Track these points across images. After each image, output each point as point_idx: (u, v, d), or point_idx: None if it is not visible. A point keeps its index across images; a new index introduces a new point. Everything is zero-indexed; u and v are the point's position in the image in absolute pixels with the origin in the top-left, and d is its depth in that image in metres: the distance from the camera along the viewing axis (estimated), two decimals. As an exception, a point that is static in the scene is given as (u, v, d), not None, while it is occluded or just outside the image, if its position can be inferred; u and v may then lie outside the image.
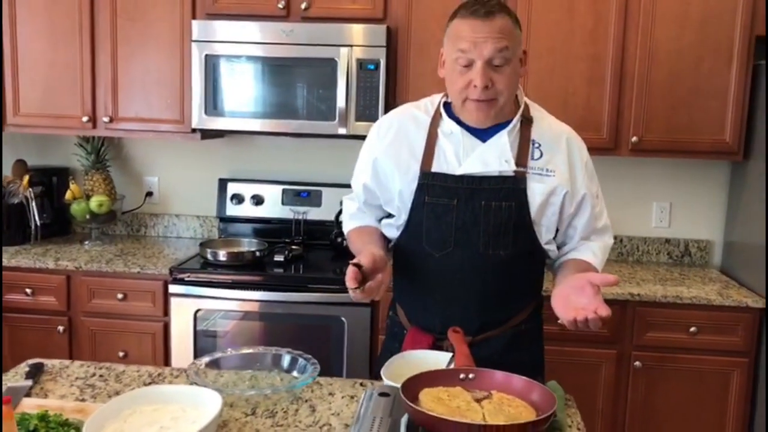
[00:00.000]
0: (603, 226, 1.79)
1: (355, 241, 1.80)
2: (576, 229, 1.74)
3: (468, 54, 1.56)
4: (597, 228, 1.77)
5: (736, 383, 2.69)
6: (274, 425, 1.45)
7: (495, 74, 1.57)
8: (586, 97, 2.85)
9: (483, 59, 1.55)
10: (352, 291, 1.51)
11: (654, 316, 2.69)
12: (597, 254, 1.75)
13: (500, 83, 1.58)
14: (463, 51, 1.56)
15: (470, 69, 1.57)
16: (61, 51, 3.03)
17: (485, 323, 1.69)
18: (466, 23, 1.57)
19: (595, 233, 1.77)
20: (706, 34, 2.79)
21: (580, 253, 1.76)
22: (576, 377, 2.54)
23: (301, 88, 2.90)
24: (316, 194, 3.25)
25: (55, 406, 1.43)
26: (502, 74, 1.57)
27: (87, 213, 3.13)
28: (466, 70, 1.58)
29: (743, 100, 2.81)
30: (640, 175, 3.22)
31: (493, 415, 1.25)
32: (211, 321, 2.81)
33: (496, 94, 1.59)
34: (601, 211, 1.78)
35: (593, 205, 1.73)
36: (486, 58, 1.55)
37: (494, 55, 1.55)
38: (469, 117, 1.64)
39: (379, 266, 1.55)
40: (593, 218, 1.74)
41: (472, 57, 1.56)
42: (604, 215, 1.79)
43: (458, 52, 1.57)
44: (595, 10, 2.80)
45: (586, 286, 1.45)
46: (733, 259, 3.08)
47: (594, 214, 1.74)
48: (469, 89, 1.58)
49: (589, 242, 1.77)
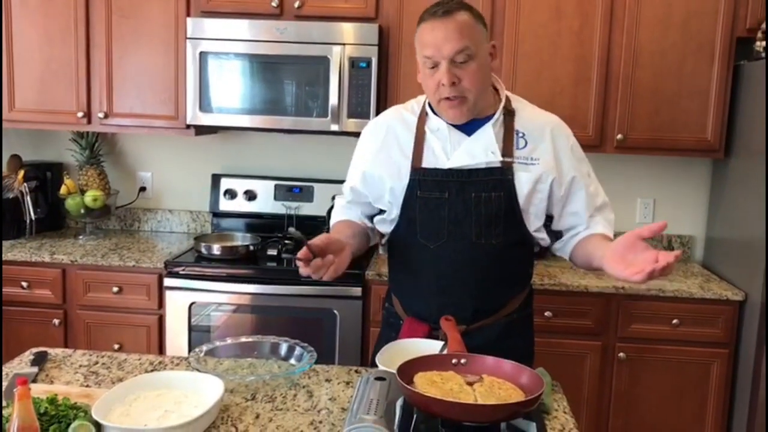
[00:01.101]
0: (602, 203, 1.82)
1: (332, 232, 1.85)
2: (579, 211, 1.78)
3: (433, 57, 1.65)
4: (598, 204, 1.80)
5: (717, 373, 2.78)
6: (273, 409, 1.51)
7: (460, 71, 1.64)
8: (573, 97, 2.92)
9: (446, 59, 1.63)
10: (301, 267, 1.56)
11: (638, 309, 2.77)
12: (608, 228, 1.78)
13: (466, 80, 1.65)
14: (428, 56, 1.66)
15: (437, 70, 1.65)
16: (57, 48, 3.07)
17: (479, 311, 1.75)
18: (427, 26, 1.66)
19: (597, 211, 1.80)
20: (688, 35, 2.87)
21: (595, 228, 1.78)
22: (562, 368, 2.58)
23: (294, 86, 2.96)
24: (308, 190, 3.31)
25: (62, 391, 1.47)
26: (466, 70, 1.64)
27: (82, 207, 3.17)
28: (434, 71, 1.66)
29: (724, 100, 2.90)
30: (625, 172, 3.30)
31: (485, 397, 1.31)
32: (206, 314, 2.86)
33: (463, 91, 1.66)
34: (596, 189, 1.82)
35: (587, 184, 1.78)
36: (448, 57, 1.63)
37: (455, 54, 1.63)
38: (446, 116, 1.72)
39: (333, 249, 1.60)
40: (590, 197, 1.78)
41: (437, 59, 1.64)
42: (601, 193, 1.83)
43: (424, 57, 1.67)
44: (581, 13, 2.88)
45: (636, 242, 1.48)
46: (715, 253, 3.17)
47: (589, 192, 1.78)
48: (440, 89, 1.66)
49: (597, 217, 1.79)
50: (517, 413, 1.29)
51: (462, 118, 1.70)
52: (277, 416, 1.48)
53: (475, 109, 1.71)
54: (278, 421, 1.46)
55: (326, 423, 1.46)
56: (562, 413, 1.54)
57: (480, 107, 1.72)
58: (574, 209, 1.78)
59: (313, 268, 1.56)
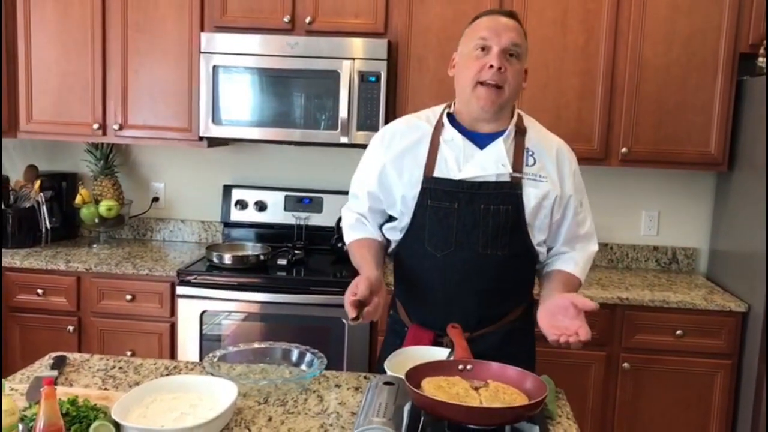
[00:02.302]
0: (586, 233, 1.89)
1: (355, 255, 1.88)
2: (560, 232, 1.86)
3: (487, 41, 1.73)
4: (580, 234, 1.87)
5: (720, 384, 2.81)
6: (285, 413, 1.56)
7: (507, 63, 1.73)
8: (578, 110, 2.98)
9: (500, 46, 1.72)
10: (352, 321, 1.60)
11: (642, 320, 2.81)
12: (579, 264, 1.87)
13: (510, 73, 1.73)
14: (483, 38, 1.74)
15: (487, 54, 1.73)
16: (74, 61, 3.15)
17: (482, 319, 1.80)
18: (487, 19, 1.78)
19: (578, 240, 1.88)
20: (692, 51, 2.92)
21: (564, 263, 1.87)
22: (566, 378, 2.61)
23: (304, 99, 3.02)
24: (318, 201, 3.37)
25: (81, 394, 1.52)
26: (512, 66, 1.74)
27: (96, 217, 3.24)
28: (483, 54, 1.73)
29: (728, 114, 2.94)
30: (630, 185, 3.35)
31: (490, 401, 1.36)
32: (216, 322, 2.92)
33: (505, 81, 1.73)
34: (584, 219, 1.88)
35: (575, 211, 1.84)
36: (503, 46, 1.72)
37: (510, 46, 1.73)
38: (477, 103, 1.76)
39: (375, 290, 1.63)
40: (576, 224, 1.85)
41: (491, 44, 1.73)
42: (588, 223, 1.90)
43: (478, 39, 1.74)
44: (586, 28, 2.94)
45: (570, 308, 1.58)
46: (719, 266, 3.20)
47: (577, 220, 1.85)
48: (483, 71, 1.73)
49: (573, 252, 1.88)
50: (522, 416, 1.33)
51: (492, 107, 1.75)
52: (288, 419, 1.53)
53: (503, 110, 1.78)
54: (290, 423, 1.51)
55: (336, 426, 1.50)
56: (566, 419, 1.58)
57: (503, 115, 1.80)
58: (557, 233, 1.85)
59: (367, 317, 1.60)
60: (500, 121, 1.80)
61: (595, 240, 1.93)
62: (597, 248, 1.93)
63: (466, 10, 2.82)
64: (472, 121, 1.81)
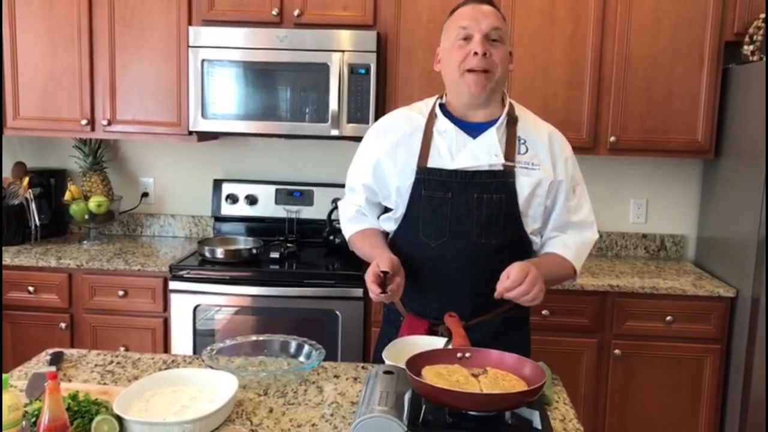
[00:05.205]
0: (580, 220, 1.89)
1: (362, 245, 1.91)
2: (551, 218, 1.86)
3: (468, 30, 1.75)
4: (572, 221, 1.87)
5: (710, 369, 2.85)
6: (286, 404, 1.57)
7: (491, 48, 1.75)
8: (566, 100, 3.00)
9: (482, 33, 1.74)
10: (377, 295, 1.66)
11: (632, 307, 2.84)
12: (570, 246, 1.87)
13: (496, 56, 1.75)
14: (464, 27, 1.76)
15: (469, 42, 1.75)
16: (61, 56, 3.13)
17: (477, 308, 1.81)
18: (465, 8, 1.81)
19: (570, 226, 1.88)
20: (678, 40, 2.95)
21: (553, 246, 1.88)
22: (559, 365, 2.62)
23: (294, 92, 3.02)
24: (308, 194, 3.37)
25: (81, 389, 1.52)
26: (497, 50, 1.76)
27: (86, 213, 3.22)
28: (466, 44, 1.76)
29: (714, 102, 2.98)
30: (618, 174, 3.38)
31: (490, 388, 1.38)
32: (210, 316, 2.92)
33: (492, 65, 1.75)
34: (578, 206, 1.88)
35: (567, 197, 1.85)
36: (484, 31, 1.74)
37: (491, 30, 1.75)
38: (467, 90, 1.77)
39: (397, 270, 1.70)
40: (566, 210, 1.86)
41: (472, 32, 1.75)
42: (584, 211, 1.90)
43: (459, 29, 1.77)
44: (574, 18, 2.96)
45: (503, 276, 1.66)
46: (706, 252, 3.24)
47: (568, 206, 1.85)
48: (468, 59, 1.75)
49: (563, 236, 1.88)
50: (521, 402, 1.35)
51: (483, 92, 1.77)
52: (289, 410, 1.54)
53: (494, 95, 1.80)
54: (291, 414, 1.52)
55: (337, 416, 1.52)
56: (563, 404, 1.61)
57: (495, 99, 1.81)
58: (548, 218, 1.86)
59: (393, 294, 1.67)
60: (492, 108, 1.82)
61: (593, 229, 1.92)
62: (596, 237, 1.93)
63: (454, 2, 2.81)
64: (464, 111, 1.82)
